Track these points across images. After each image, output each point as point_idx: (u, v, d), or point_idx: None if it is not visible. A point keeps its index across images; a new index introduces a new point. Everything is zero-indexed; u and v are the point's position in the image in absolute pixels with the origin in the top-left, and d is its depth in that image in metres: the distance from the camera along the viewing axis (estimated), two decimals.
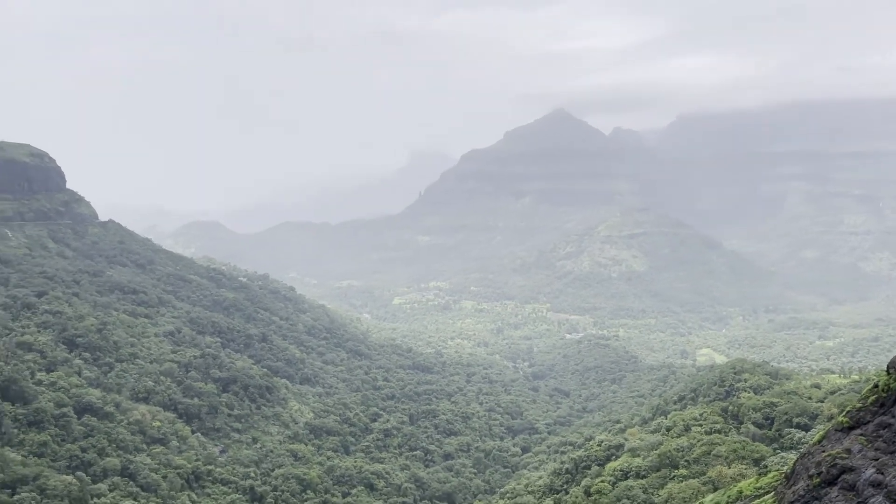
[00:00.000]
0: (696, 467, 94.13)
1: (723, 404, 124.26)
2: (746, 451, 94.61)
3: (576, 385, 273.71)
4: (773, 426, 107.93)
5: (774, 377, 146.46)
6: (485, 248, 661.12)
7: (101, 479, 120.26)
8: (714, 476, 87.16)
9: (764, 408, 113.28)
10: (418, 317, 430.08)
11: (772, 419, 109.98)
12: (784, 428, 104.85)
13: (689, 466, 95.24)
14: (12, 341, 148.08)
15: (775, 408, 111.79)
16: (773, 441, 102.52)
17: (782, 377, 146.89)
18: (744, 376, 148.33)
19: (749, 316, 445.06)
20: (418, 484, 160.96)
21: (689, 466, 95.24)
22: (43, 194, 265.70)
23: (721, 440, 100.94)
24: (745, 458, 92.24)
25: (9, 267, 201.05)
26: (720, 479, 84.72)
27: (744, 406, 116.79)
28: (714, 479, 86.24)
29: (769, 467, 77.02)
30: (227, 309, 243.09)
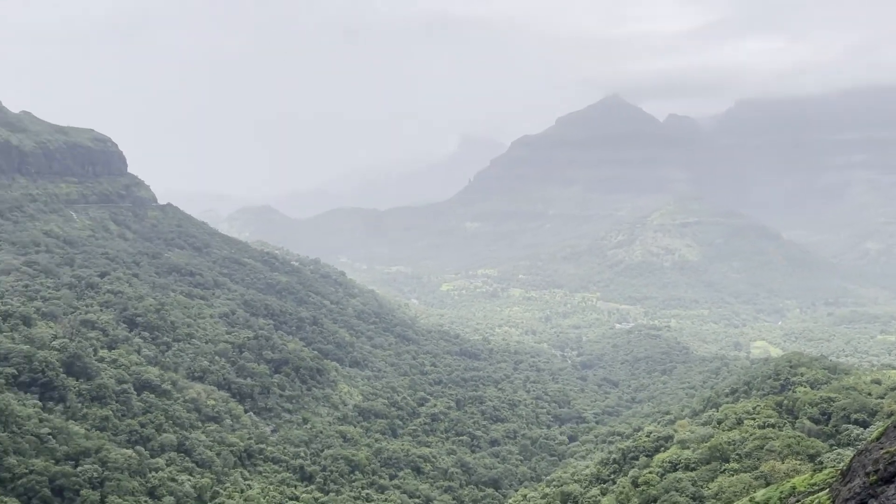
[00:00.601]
0: (747, 461, 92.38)
1: (777, 398, 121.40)
2: (801, 446, 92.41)
3: (625, 375, 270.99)
4: (830, 422, 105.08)
5: (833, 372, 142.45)
6: (534, 235, 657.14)
7: (159, 454, 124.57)
8: (767, 471, 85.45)
9: (821, 403, 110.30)
10: (466, 303, 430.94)
11: (829, 415, 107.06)
12: (841, 424, 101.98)
13: (740, 460, 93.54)
14: (77, 319, 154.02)
15: (833, 403, 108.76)
16: (830, 437, 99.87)
17: (841, 372, 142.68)
18: (800, 370, 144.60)
19: (807, 308, 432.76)
20: (464, 469, 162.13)
21: (740, 460, 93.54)
22: (105, 178, 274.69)
23: (775, 435, 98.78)
24: (799, 453, 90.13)
25: (74, 248, 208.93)
26: (773, 474, 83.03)
27: (799, 401, 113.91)
28: (766, 473, 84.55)
29: (824, 464, 75.27)
30: (280, 292, 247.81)
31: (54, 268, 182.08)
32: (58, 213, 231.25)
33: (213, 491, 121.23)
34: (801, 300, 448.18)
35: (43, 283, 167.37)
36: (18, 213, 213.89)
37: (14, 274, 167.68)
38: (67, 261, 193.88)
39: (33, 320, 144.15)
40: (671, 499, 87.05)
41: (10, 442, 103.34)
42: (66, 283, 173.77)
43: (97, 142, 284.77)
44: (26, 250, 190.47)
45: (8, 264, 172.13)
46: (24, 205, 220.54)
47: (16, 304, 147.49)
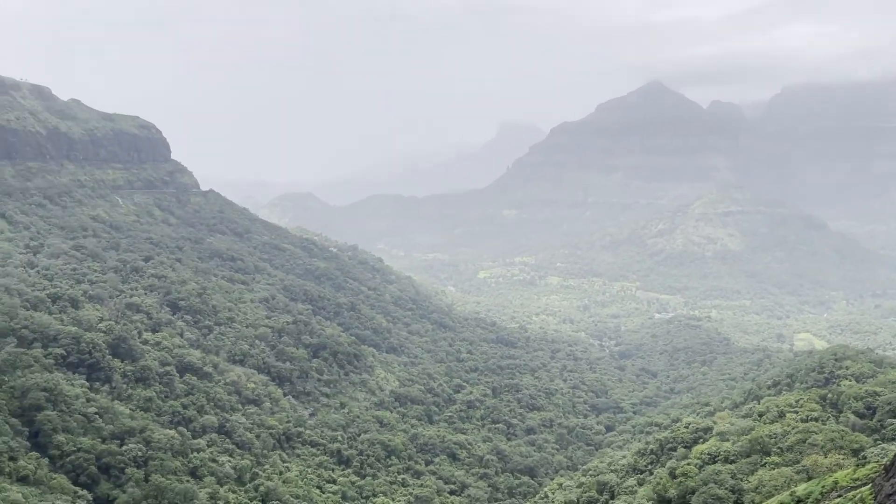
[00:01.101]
0: (789, 455, 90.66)
1: (821, 391, 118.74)
2: (845, 440, 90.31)
3: (664, 366, 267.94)
4: (875, 416, 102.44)
5: (879, 365, 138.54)
6: (573, 223, 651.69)
7: (200, 435, 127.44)
8: (809, 465, 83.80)
9: (866, 397, 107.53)
10: (503, 291, 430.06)
11: (874, 409, 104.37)
12: (886, 419, 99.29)
13: (781, 454, 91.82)
14: (122, 302, 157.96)
15: (878, 397, 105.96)
16: (875, 432, 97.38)
17: (887, 365, 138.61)
18: (845, 363, 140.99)
19: (854, 300, 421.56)
20: (500, 456, 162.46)
21: (781, 454, 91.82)
22: (150, 164, 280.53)
23: (818, 428, 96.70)
24: (842, 447, 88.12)
25: (119, 232, 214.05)
26: (815, 469, 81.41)
27: (844, 394, 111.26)
28: (808, 467, 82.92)
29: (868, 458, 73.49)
30: (319, 278, 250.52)
31: (101, 252, 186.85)
32: (104, 199, 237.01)
33: (252, 472, 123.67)
34: (848, 292, 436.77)
35: (90, 267, 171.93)
36: (67, 198, 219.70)
37: (63, 257, 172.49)
38: (113, 245, 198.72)
39: (81, 303, 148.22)
40: (709, 491, 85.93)
41: (59, 420, 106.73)
42: (112, 267, 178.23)
43: (142, 129, 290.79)
44: (74, 234, 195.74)
45: (57, 248, 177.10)
46: (73, 190, 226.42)
47: (65, 287, 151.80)
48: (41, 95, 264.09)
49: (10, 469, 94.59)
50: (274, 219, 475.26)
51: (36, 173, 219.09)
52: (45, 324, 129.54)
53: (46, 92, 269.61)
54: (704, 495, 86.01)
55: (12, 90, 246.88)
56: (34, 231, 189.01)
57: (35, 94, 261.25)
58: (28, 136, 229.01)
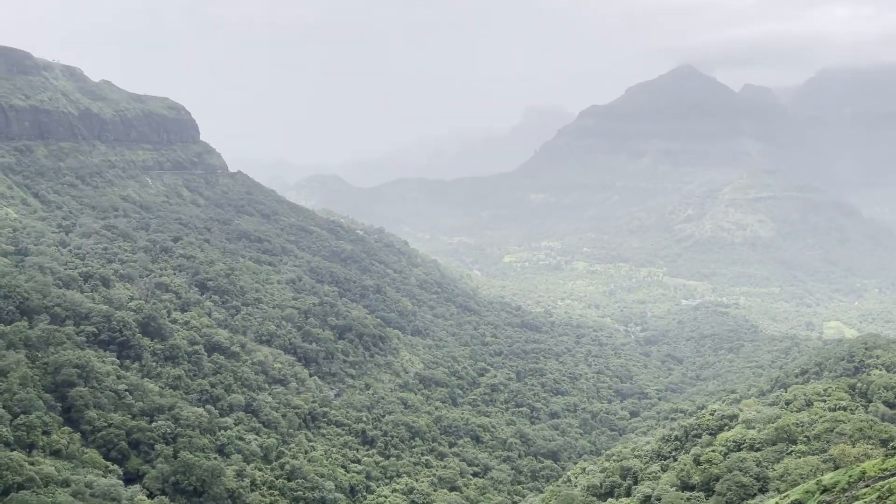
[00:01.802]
0: (816, 444, 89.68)
1: (850, 381, 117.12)
2: (874, 430, 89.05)
3: (690, 352, 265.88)
4: None
5: None
6: (600, 208, 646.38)
7: (228, 414, 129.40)
8: (836, 454, 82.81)
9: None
10: (528, 275, 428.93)
11: None
12: None
13: (808, 443, 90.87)
14: (152, 282, 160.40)
15: None
16: None
17: None
18: (876, 352, 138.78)
19: (887, 289, 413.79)
20: (523, 440, 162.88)
21: (808, 443, 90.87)
22: (179, 145, 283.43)
23: (846, 418, 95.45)
24: (871, 437, 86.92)
25: (149, 212, 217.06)
26: (842, 458, 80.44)
27: (874, 384, 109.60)
28: (836, 457, 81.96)
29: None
30: (345, 260, 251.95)
31: (131, 232, 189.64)
32: (134, 179, 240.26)
33: (278, 451, 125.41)
34: (881, 280, 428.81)
35: (121, 247, 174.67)
36: (98, 178, 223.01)
37: (94, 237, 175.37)
38: (143, 225, 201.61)
39: (112, 282, 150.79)
40: (734, 478, 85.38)
41: (90, 396, 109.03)
42: (142, 247, 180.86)
43: (171, 110, 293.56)
44: (105, 214, 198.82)
45: (89, 227, 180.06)
46: (104, 171, 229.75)
47: (96, 266, 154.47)
48: (73, 76, 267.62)
49: (44, 443, 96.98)
50: (301, 200, 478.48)
51: (68, 153, 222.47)
52: (77, 302, 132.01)
53: (78, 73, 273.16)
54: (729, 482, 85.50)
55: (45, 71, 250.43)
56: (66, 210, 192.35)
57: (67, 74, 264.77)
58: (60, 117, 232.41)
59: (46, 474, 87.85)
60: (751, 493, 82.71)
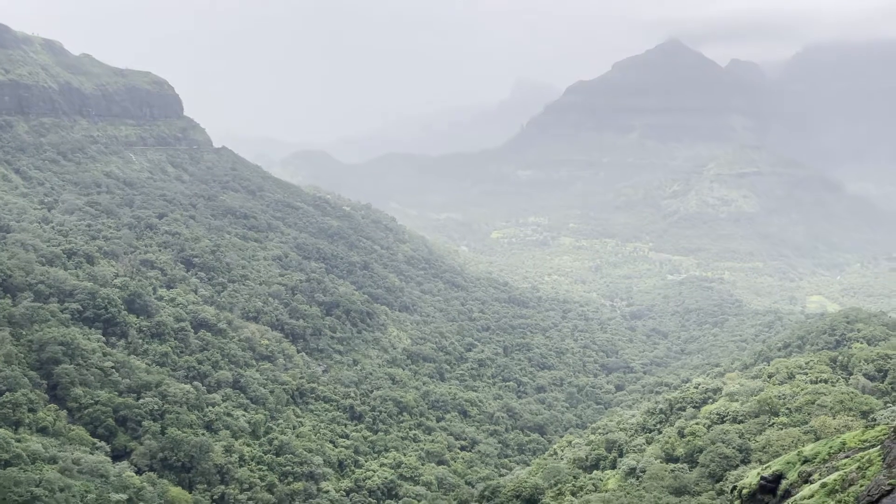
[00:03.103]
0: (797, 416, 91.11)
1: (832, 354, 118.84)
2: (854, 402, 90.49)
3: (675, 327, 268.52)
4: (886, 379, 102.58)
5: (892, 328, 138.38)
6: (587, 184, 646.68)
7: (215, 390, 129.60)
8: (817, 426, 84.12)
9: (877, 359, 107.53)
10: (515, 251, 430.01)
11: (885, 372, 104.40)
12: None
13: (790, 415, 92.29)
14: (137, 259, 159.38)
15: (890, 360, 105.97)
16: (885, 394, 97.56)
17: None
18: (857, 326, 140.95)
19: (868, 263, 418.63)
20: (510, 413, 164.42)
21: (790, 415, 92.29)
22: (162, 121, 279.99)
23: (827, 390, 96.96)
24: (851, 409, 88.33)
25: (133, 189, 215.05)
26: (823, 430, 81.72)
27: (855, 357, 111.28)
28: (816, 428, 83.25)
29: (878, 420, 73.67)
30: (332, 236, 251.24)
31: (115, 208, 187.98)
32: (118, 155, 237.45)
33: (266, 427, 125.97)
34: (863, 254, 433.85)
35: (104, 223, 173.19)
36: (81, 154, 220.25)
37: (77, 213, 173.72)
38: (127, 202, 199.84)
39: (96, 258, 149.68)
40: (717, 450, 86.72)
41: (76, 374, 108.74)
42: (127, 224, 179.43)
43: (154, 84, 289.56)
44: (89, 191, 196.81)
45: (72, 204, 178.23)
46: (86, 146, 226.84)
47: (80, 243, 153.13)
48: (53, 50, 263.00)
49: (30, 420, 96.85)
50: (287, 176, 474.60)
51: (49, 129, 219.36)
52: (61, 279, 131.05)
53: (58, 46, 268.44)
54: (712, 454, 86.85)
55: (24, 44, 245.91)
56: (48, 187, 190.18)
57: (47, 48, 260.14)
58: (41, 92, 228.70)
59: (33, 451, 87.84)
60: (733, 464, 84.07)
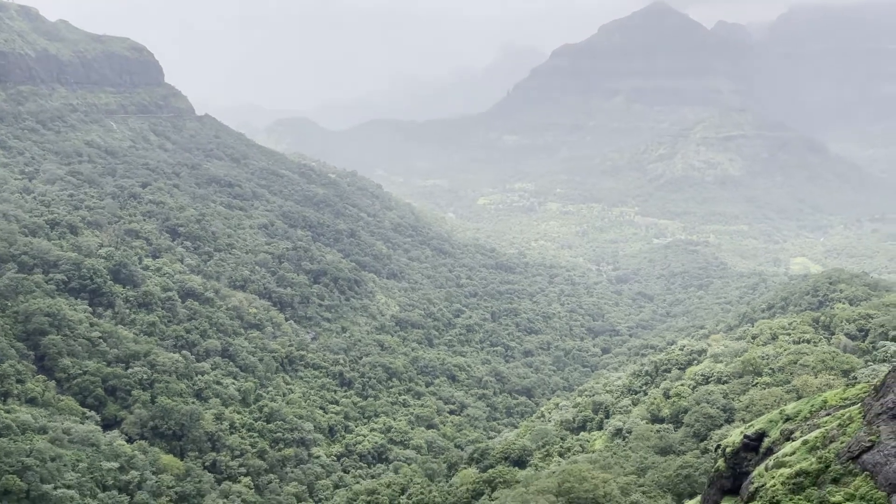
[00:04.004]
0: (780, 375, 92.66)
1: (814, 314, 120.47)
2: (835, 361, 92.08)
3: (660, 290, 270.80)
4: (867, 338, 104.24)
5: (873, 289, 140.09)
6: (573, 148, 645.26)
7: (204, 359, 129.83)
8: (799, 385, 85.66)
9: (858, 319, 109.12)
10: (502, 217, 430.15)
11: (866, 331, 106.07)
12: (878, 340, 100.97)
13: (773, 374, 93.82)
14: (121, 228, 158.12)
15: (871, 320, 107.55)
16: (866, 353, 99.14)
17: (882, 289, 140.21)
18: (839, 286, 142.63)
19: (851, 225, 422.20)
20: (498, 378, 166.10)
21: (773, 374, 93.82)
22: (143, 88, 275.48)
23: (809, 350, 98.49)
24: (833, 368, 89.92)
25: (115, 158, 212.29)
26: (805, 389, 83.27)
27: (837, 317, 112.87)
28: (799, 387, 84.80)
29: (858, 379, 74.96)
30: (318, 204, 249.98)
31: (97, 178, 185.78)
32: (98, 124, 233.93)
33: (256, 394, 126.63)
34: (846, 216, 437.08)
35: (87, 193, 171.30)
36: (60, 123, 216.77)
37: (59, 183, 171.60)
38: (109, 171, 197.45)
39: (80, 229, 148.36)
40: (701, 410, 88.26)
41: (63, 344, 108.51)
42: (110, 193, 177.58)
43: (133, 51, 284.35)
44: (70, 160, 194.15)
45: (53, 174, 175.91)
46: (66, 115, 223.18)
47: (62, 213, 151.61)
48: (28, 16, 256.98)
49: (19, 391, 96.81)
50: (271, 144, 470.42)
51: (27, 97, 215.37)
52: (45, 250, 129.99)
53: (34, 13, 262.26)
54: (696, 414, 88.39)
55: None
56: (28, 157, 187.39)
57: (22, 14, 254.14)
58: (17, 59, 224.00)
59: (23, 422, 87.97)
60: (717, 423, 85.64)
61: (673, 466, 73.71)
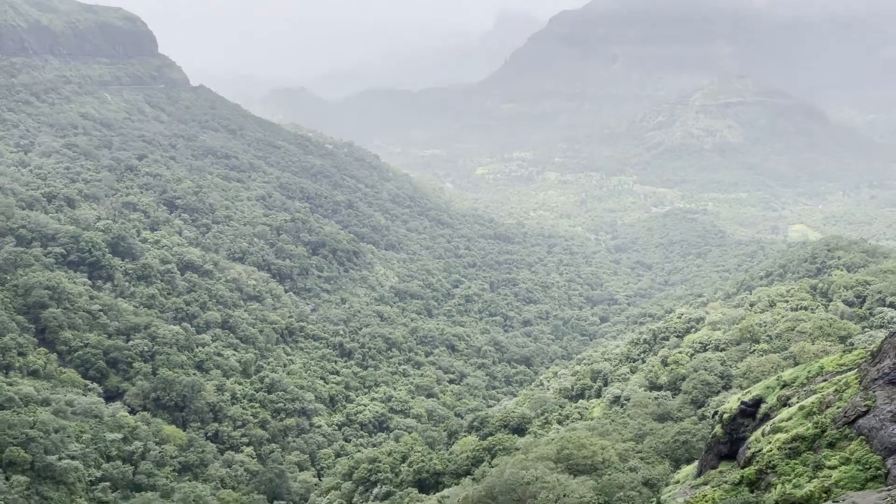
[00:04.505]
0: (777, 342, 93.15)
1: (812, 281, 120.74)
2: (833, 328, 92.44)
3: (659, 258, 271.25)
4: (864, 305, 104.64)
5: (871, 255, 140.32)
6: (571, 116, 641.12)
7: (204, 331, 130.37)
8: (796, 352, 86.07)
9: (856, 286, 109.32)
10: (501, 187, 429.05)
11: (863, 298, 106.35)
12: (876, 307, 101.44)
13: (770, 341, 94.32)
14: (118, 201, 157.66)
15: (869, 286, 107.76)
16: (863, 319, 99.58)
17: (880, 255, 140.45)
18: (838, 253, 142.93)
19: (850, 191, 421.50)
20: (497, 347, 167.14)
21: (770, 341, 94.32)
22: (137, 59, 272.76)
23: (807, 317, 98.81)
24: (830, 335, 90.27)
25: (110, 130, 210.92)
26: (802, 355, 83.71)
27: (835, 284, 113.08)
28: (796, 354, 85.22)
29: (855, 345, 75.49)
30: (315, 175, 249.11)
31: (93, 150, 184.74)
32: (92, 95, 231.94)
33: (257, 365, 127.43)
34: (845, 183, 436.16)
35: (83, 166, 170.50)
36: (54, 94, 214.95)
37: (55, 156, 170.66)
38: (105, 143, 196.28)
39: (77, 202, 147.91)
40: (699, 377, 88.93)
41: (64, 317, 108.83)
42: (106, 166, 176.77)
43: (126, 21, 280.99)
44: (65, 132, 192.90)
45: (48, 146, 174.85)
46: (59, 87, 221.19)
47: (59, 186, 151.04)
48: None
49: (20, 364, 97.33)
50: (267, 115, 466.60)
51: (20, 69, 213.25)
52: (43, 223, 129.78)
53: None
54: (694, 381, 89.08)
55: None
56: (23, 129, 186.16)
57: None
58: (9, 31, 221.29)
59: (26, 394, 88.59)
60: (715, 390, 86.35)
61: (671, 433, 74.50)
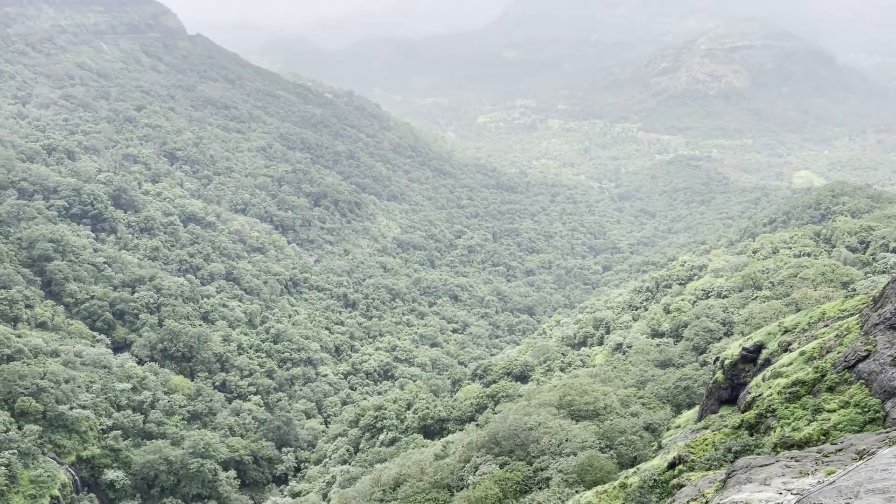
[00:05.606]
0: (780, 289, 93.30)
1: (816, 228, 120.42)
2: (835, 274, 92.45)
3: (662, 206, 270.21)
4: (868, 250, 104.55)
5: (876, 201, 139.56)
6: (575, 63, 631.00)
7: (209, 282, 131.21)
8: (798, 298, 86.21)
9: (860, 231, 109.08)
10: (503, 136, 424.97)
11: (867, 243, 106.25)
12: (879, 252, 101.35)
13: (772, 288, 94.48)
14: (119, 153, 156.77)
15: (872, 232, 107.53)
16: (866, 265, 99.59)
17: (885, 201, 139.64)
18: (842, 199, 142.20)
19: (857, 136, 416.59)
20: (500, 297, 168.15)
21: (772, 288, 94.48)
22: (132, 6, 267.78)
23: (810, 263, 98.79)
24: (833, 281, 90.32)
25: (108, 80, 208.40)
26: (804, 301, 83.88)
27: (838, 230, 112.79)
28: (798, 300, 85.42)
29: (857, 291, 75.59)
30: (315, 125, 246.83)
31: (91, 101, 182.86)
32: (88, 45, 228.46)
33: (262, 316, 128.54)
34: (851, 128, 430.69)
35: (82, 117, 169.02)
36: (49, 44, 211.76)
37: (52, 108, 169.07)
38: (103, 94, 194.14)
39: (77, 154, 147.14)
40: (701, 324, 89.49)
41: (69, 270, 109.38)
42: (105, 117, 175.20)
43: None
44: (62, 83, 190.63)
45: (46, 98, 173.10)
46: (54, 36, 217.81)
47: (59, 138, 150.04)
48: None
49: (28, 316, 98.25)
50: (266, 64, 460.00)
51: (15, 19, 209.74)
52: (44, 176, 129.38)
53: None
54: (696, 328, 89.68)
55: None
56: (20, 80, 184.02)
57: None
58: None
59: (35, 346, 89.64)
60: (717, 337, 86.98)
61: (672, 379, 75.33)
